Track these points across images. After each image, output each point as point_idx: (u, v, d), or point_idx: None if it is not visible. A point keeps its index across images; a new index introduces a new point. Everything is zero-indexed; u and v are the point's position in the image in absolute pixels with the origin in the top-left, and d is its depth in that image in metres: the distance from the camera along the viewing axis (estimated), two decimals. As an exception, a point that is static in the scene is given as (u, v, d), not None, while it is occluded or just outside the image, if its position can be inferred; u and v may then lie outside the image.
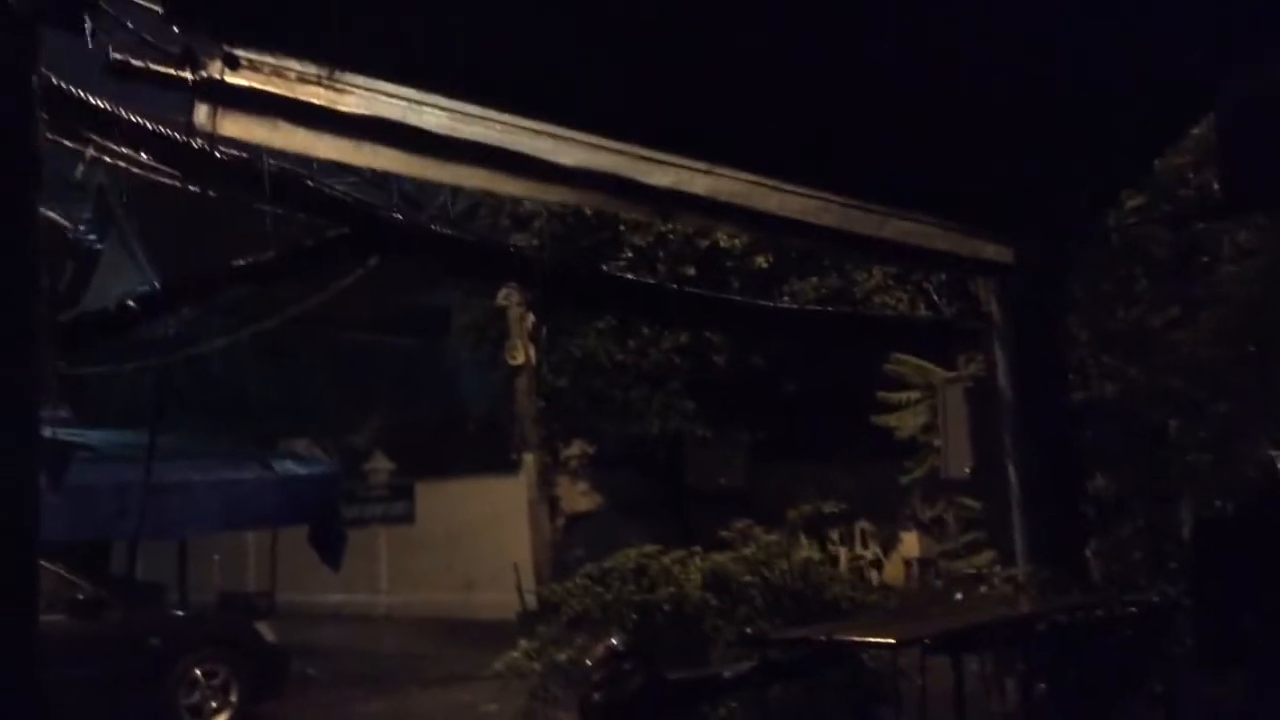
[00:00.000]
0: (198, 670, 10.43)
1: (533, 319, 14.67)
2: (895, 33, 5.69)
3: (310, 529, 12.84)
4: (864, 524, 16.22)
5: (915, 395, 10.48)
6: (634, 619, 7.83)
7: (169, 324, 9.61)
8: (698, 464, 17.45)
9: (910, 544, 15.56)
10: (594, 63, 5.43)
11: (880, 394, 10.80)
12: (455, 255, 7.30)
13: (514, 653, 8.16)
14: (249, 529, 16.21)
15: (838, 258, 13.46)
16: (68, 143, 5.04)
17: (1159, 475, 9.02)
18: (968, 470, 8.54)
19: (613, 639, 5.97)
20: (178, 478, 11.53)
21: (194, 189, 5.46)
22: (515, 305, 14.33)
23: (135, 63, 4.71)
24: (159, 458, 11.10)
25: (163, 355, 11.12)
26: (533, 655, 8.01)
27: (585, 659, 6.40)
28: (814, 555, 9.25)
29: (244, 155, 5.43)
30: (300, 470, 13.29)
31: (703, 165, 6.37)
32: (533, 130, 5.66)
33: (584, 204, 10.84)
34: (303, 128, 5.08)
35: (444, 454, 18.42)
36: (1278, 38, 6.20)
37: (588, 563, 9.09)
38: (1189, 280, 9.26)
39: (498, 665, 8.24)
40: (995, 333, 8.18)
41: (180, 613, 12.79)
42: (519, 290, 13.70)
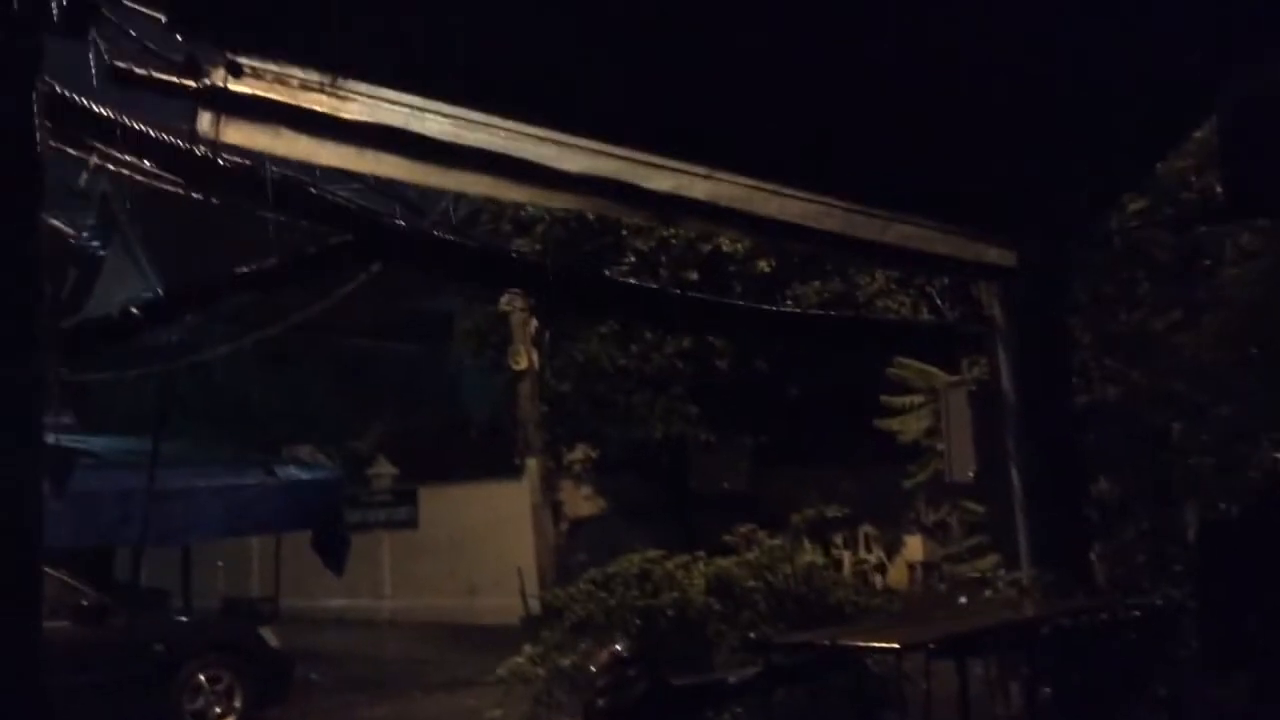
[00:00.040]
0: (202, 676, 10.44)
1: (535, 324, 14.67)
2: (896, 36, 5.70)
3: (313, 534, 12.83)
4: (867, 528, 16.20)
5: (918, 399, 10.47)
6: (637, 624, 7.83)
7: (172, 331, 9.61)
8: (701, 468, 17.45)
9: (914, 548, 15.54)
10: (595, 68, 5.44)
11: (883, 398, 10.79)
12: (458, 261, 7.30)
13: (518, 658, 8.17)
14: (252, 535, 16.21)
15: (840, 262, 13.46)
16: (71, 151, 5.04)
17: (1162, 478, 9.01)
18: (971, 474, 8.53)
19: (617, 645, 5.98)
20: (181, 484, 11.52)
21: (197, 196, 5.46)
22: (518, 310, 14.34)
23: (138, 70, 4.71)
24: (162, 464, 11.10)
25: (166, 362, 11.13)
26: (537, 660, 8.01)
27: (589, 665, 6.41)
28: (817, 560, 9.25)
29: (247, 163, 5.43)
30: (303, 476, 13.28)
31: (703, 170, 6.37)
32: (535, 136, 5.67)
33: (586, 209, 10.85)
34: (305, 135, 5.09)
35: (447, 459, 18.42)
36: (1279, 39, 6.21)
37: (591, 567, 9.10)
38: (1191, 283, 9.25)
39: (501, 671, 8.24)
40: (998, 336, 8.17)
41: (184, 618, 12.80)
42: (521, 295, 13.70)
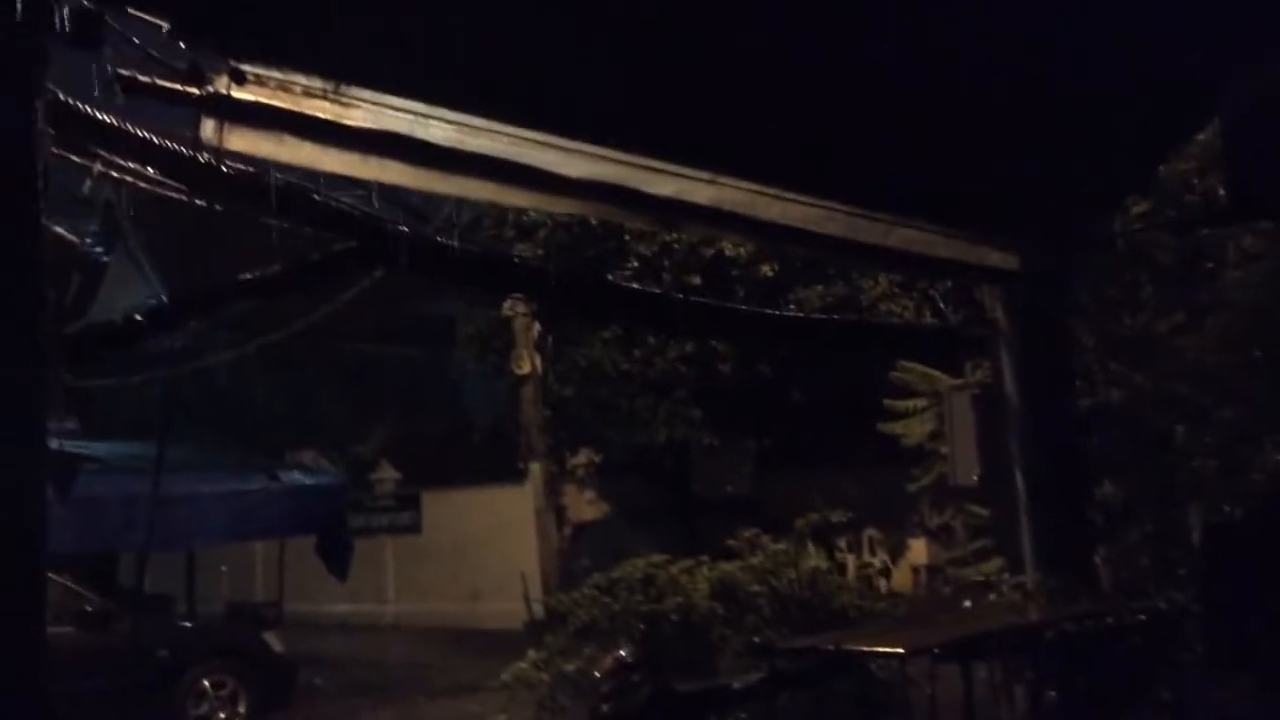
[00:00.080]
0: (206, 681, 10.45)
1: (538, 328, 14.68)
2: (898, 41, 5.70)
3: (317, 539, 12.82)
4: (871, 531, 16.17)
5: (922, 403, 10.45)
6: (641, 629, 7.83)
7: (176, 336, 9.62)
8: (704, 472, 17.43)
9: (918, 551, 15.50)
10: (597, 74, 5.44)
11: (886, 401, 10.77)
12: (462, 267, 7.31)
13: (522, 663, 8.17)
14: (256, 540, 16.19)
15: (843, 266, 13.45)
16: (75, 158, 5.06)
17: (1166, 481, 8.98)
18: (975, 477, 8.52)
19: (621, 650, 5.98)
20: (185, 489, 11.52)
21: (201, 203, 5.47)
22: (520, 315, 14.35)
23: (142, 78, 4.73)
24: (166, 469, 11.10)
25: (170, 367, 11.14)
26: (541, 666, 8.01)
27: (593, 670, 6.41)
28: (821, 564, 9.25)
29: (250, 169, 5.44)
30: (307, 481, 13.27)
31: (705, 175, 6.38)
32: (538, 142, 5.68)
33: (589, 214, 10.87)
34: (309, 142, 5.11)
35: (450, 463, 18.42)
36: (1281, 42, 6.21)
37: (594, 572, 9.11)
38: (1194, 286, 9.24)
39: (506, 676, 8.24)
40: (1001, 339, 8.17)
41: (188, 624, 12.77)
42: (524, 300, 13.70)
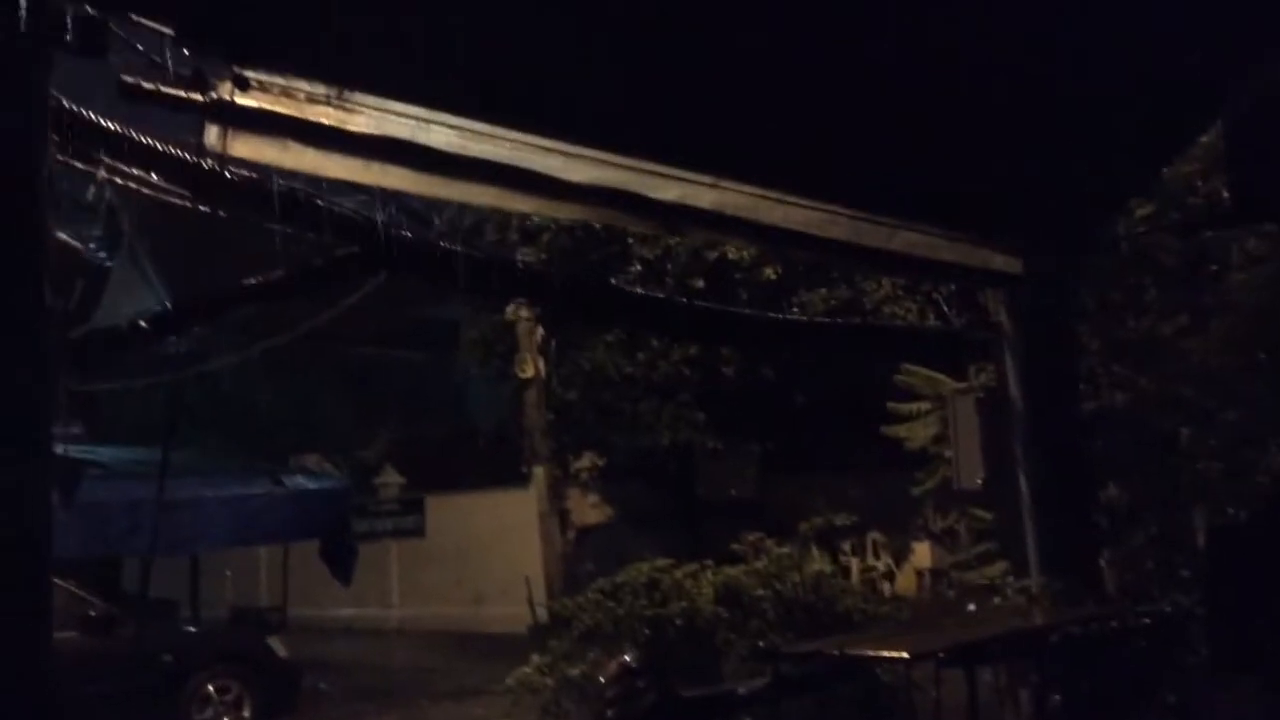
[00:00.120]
0: (210, 686, 10.46)
1: (541, 332, 14.70)
2: (901, 44, 5.70)
3: (321, 544, 12.84)
4: (875, 535, 16.18)
5: (925, 406, 10.44)
6: (646, 633, 7.83)
7: (180, 341, 9.63)
8: (708, 475, 17.44)
9: (922, 554, 15.52)
10: (600, 78, 5.44)
11: (890, 405, 10.76)
12: (465, 272, 7.31)
13: (526, 668, 8.16)
14: (260, 544, 16.23)
15: (846, 270, 13.45)
16: (79, 165, 5.07)
17: (1170, 484, 8.97)
18: (979, 481, 8.50)
19: (626, 655, 5.97)
20: (189, 494, 11.54)
21: (204, 209, 5.48)
22: (524, 319, 14.36)
23: (146, 85, 4.73)
24: (170, 474, 11.12)
25: (174, 372, 11.15)
26: (545, 670, 8.00)
27: (598, 675, 6.39)
28: (825, 568, 9.24)
29: (253, 175, 5.45)
30: (311, 485, 13.29)
31: (709, 179, 6.38)
32: (541, 147, 5.68)
33: (592, 219, 10.86)
34: (312, 148, 5.11)
35: (454, 467, 18.45)
36: (1284, 45, 6.21)
37: (598, 575, 9.10)
38: (1198, 288, 9.22)
39: (510, 680, 8.23)
40: (1005, 343, 8.16)
41: (192, 629, 12.80)
42: (527, 304, 13.71)
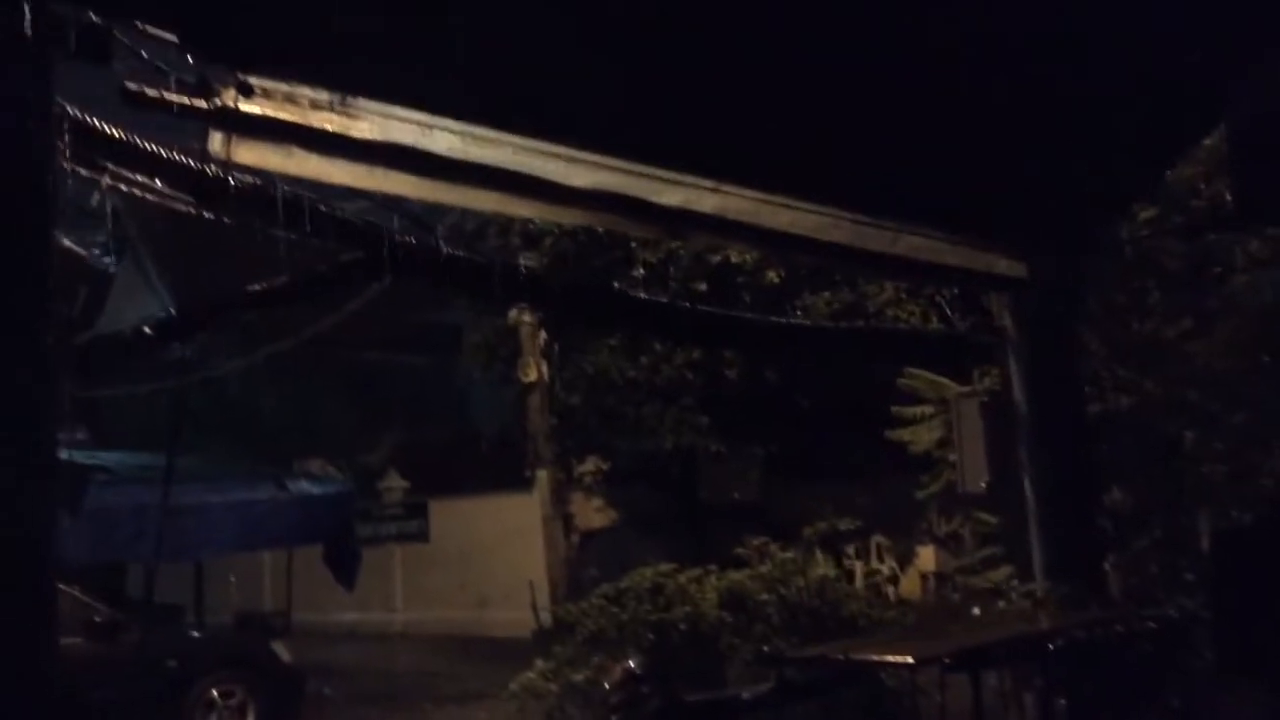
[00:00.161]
0: (215, 691, 10.44)
1: (544, 336, 14.68)
2: (904, 47, 5.70)
3: (325, 548, 12.84)
4: (880, 538, 16.15)
5: (929, 410, 10.45)
6: (650, 638, 7.82)
7: (184, 346, 9.65)
8: (711, 479, 17.42)
9: (926, 558, 15.48)
10: (602, 83, 5.45)
11: (894, 409, 10.76)
12: (468, 277, 7.32)
13: (530, 673, 8.16)
14: (265, 549, 16.23)
15: (849, 274, 13.44)
16: (83, 171, 5.07)
17: (1175, 487, 8.97)
18: (984, 485, 8.49)
19: (630, 661, 5.96)
20: (194, 499, 11.54)
21: (208, 215, 5.48)
22: (527, 323, 14.35)
23: (150, 92, 4.74)
24: (175, 479, 11.12)
25: (178, 377, 11.16)
26: (549, 676, 8.00)
27: (602, 680, 6.39)
28: (830, 572, 9.24)
29: (257, 182, 5.46)
30: (315, 490, 13.28)
31: (711, 184, 6.38)
32: (543, 152, 5.69)
33: (594, 224, 10.85)
34: (316, 154, 5.12)
35: (457, 472, 18.44)
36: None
37: (602, 579, 9.10)
38: (1202, 291, 9.23)
39: (514, 686, 8.23)
40: (1009, 346, 8.16)
41: (197, 634, 12.79)
42: (530, 308, 13.71)
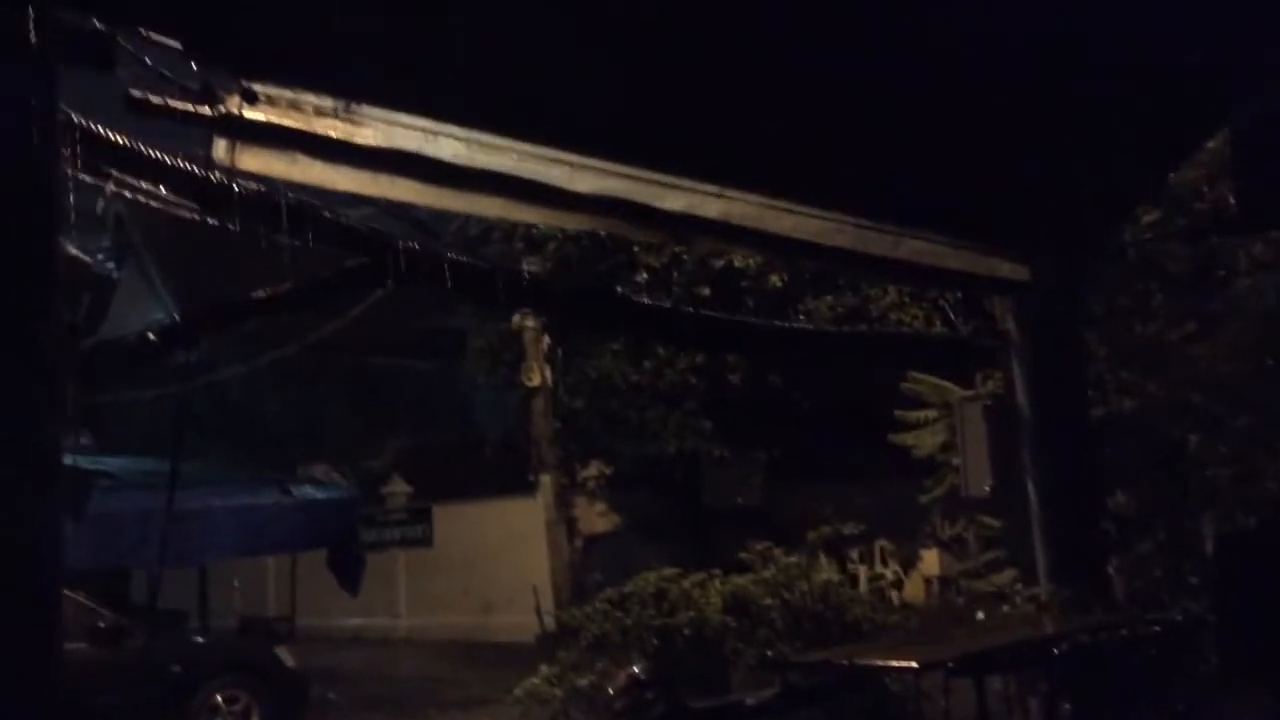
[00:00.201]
0: (219, 697, 10.45)
1: (548, 341, 14.70)
2: (907, 51, 5.71)
3: (329, 553, 12.84)
4: (883, 542, 16.13)
5: (933, 414, 10.45)
6: (654, 643, 7.82)
7: (188, 352, 9.64)
8: (715, 483, 17.42)
9: (930, 562, 15.46)
10: (606, 88, 5.46)
11: (897, 413, 10.77)
12: (472, 282, 7.32)
13: (534, 679, 8.16)
14: (269, 554, 16.22)
15: (852, 278, 13.44)
16: (87, 178, 5.08)
17: (1179, 491, 8.97)
18: (987, 488, 8.48)
19: (635, 667, 5.96)
20: (198, 504, 11.53)
21: (213, 222, 5.49)
22: (530, 328, 14.37)
23: (154, 99, 4.75)
24: (179, 484, 11.12)
25: (182, 382, 11.16)
26: (553, 681, 8.00)
27: (606, 685, 6.40)
28: (833, 576, 9.23)
29: (261, 188, 5.47)
30: (319, 495, 13.28)
31: (715, 189, 6.38)
32: (547, 158, 5.70)
33: (599, 229, 10.86)
34: (320, 160, 5.12)
35: (461, 476, 18.44)
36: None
37: (606, 584, 9.11)
38: (1205, 294, 9.22)
39: (518, 691, 8.23)
40: (1012, 350, 8.15)
41: (201, 639, 12.79)
42: (534, 313, 13.72)
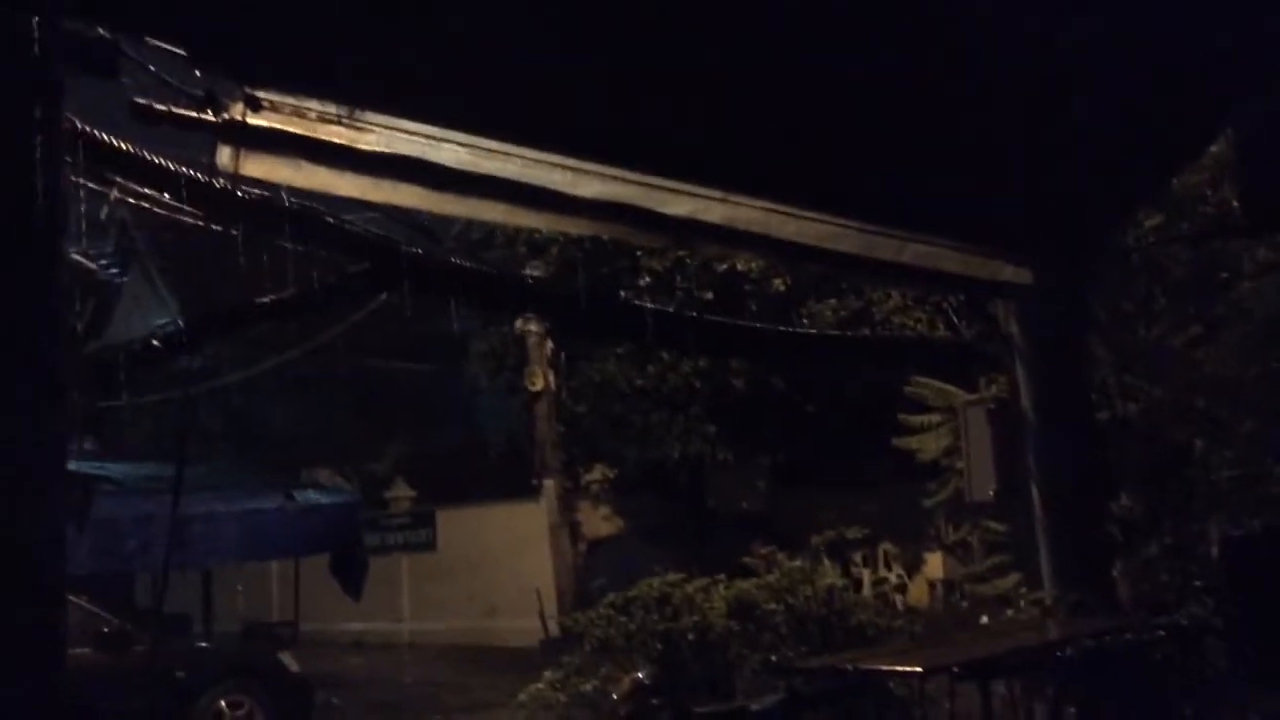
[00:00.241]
0: (223, 702, 10.44)
1: (551, 345, 14.71)
2: (911, 57, 5.71)
3: (332, 558, 12.84)
4: (887, 546, 16.11)
5: (936, 418, 10.43)
6: (658, 648, 7.81)
7: (192, 358, 9.67)
8: (718, 487, 17.42)
9: (934, 565, 15.43)
10: (609, 94, 5.46)
11: (901, 416, 10.75)
12: (475, 287, 7.33)
13: (538, 684, 8.15)
14: (272, 559, 16.23)
15: (856, 282, 13.43)
16: (92, 185, 5.09)
17: (1184, 494, 8.94)
18: (991, 492, 8.47)
19: (639, 672, 5.95)
20: (201, 509, 11.52)
21: (217, 228, 5.50)
22: (533, 332, 14.38)
23: (158, 106, 4.76)
24: (183, 489, 11.12)
25: (185, 387, 11.17)
26: (557, 686, 8.00)
27: (611, 690, 6.39)
28: (838, 580, 9.21)
29: (266, 194, 5.48)
30: (322, 500, 13.28)
31: (719, 194, 6.39)
32: (550, 163, 5.70)
33: (602, 234, 10.87)
34: (324, 167, 5.13)
35: (465, 481, 18.44)
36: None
37: (610, 588, 9.08)
38: (1209, 298, 9.21)
39: (522, 696, 8.23)
40: (1016, 353, 8.15)
41: (205, 644, 12.80)
42: (537, 317, 13.73)
